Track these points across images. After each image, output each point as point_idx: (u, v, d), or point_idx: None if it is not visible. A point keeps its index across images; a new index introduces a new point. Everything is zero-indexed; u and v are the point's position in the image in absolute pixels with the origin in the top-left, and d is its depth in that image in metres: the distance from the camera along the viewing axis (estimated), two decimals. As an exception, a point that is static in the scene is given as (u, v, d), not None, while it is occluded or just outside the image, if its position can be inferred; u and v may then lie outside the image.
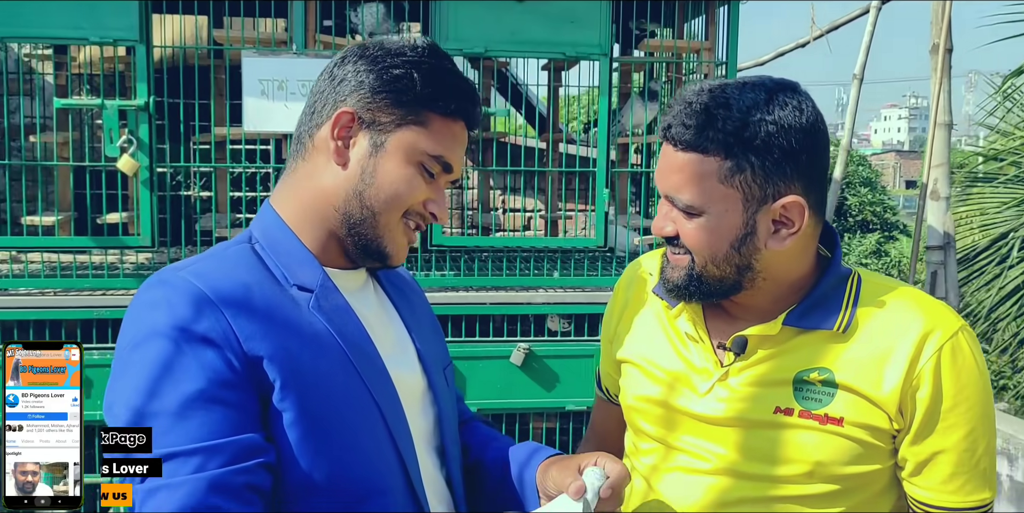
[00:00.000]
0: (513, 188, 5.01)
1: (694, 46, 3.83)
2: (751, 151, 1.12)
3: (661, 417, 1.29)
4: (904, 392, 1.16)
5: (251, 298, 1.04)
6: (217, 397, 0.98)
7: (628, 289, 1.41)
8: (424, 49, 1.14)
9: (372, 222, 1.12)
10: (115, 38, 3.31)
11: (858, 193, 16.26)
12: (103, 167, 3.51)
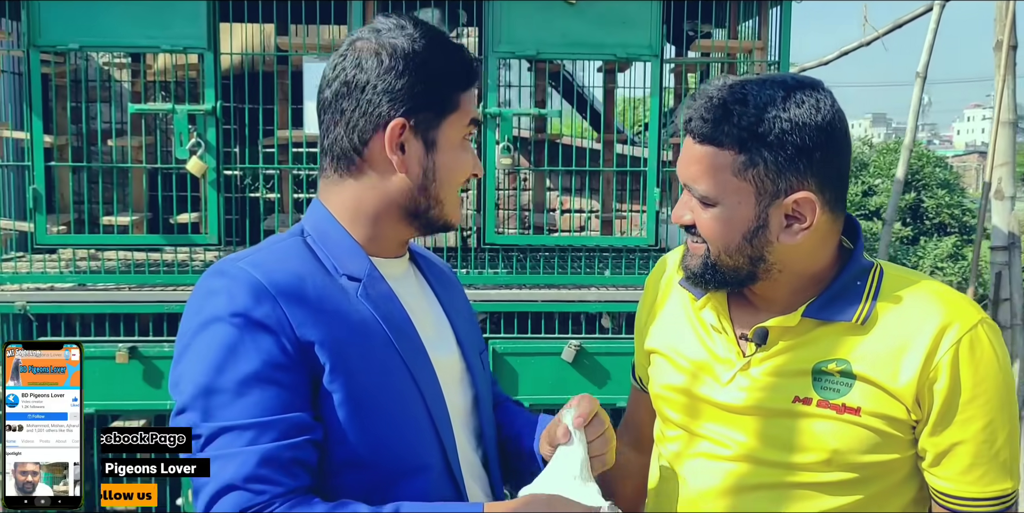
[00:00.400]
0: (570, 189, 5.07)
1: (746, 46, 3.84)
2: (764, 146, 1.16)
3: (685, 405, 1.33)
4: (921, 384, 1.18)
5: (304, 287, 1.11)
6: (271, 378, 1.06)
7: (658, 283, 1.45)
8: (422, 35, 1.19)
9: (440, 208, 1.22)
10: (185, 46, 3.48)
11: (935, 195, 15.80)
12: (174, 169, 3.69)
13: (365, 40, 1.19)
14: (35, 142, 3.49)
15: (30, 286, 3.58)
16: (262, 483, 1.03)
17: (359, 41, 1.19)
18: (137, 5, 3.45)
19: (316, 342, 1.09)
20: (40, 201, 3.48)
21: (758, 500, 1.25)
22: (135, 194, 3.91)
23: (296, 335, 1.09)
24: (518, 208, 4.26)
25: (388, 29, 1.19)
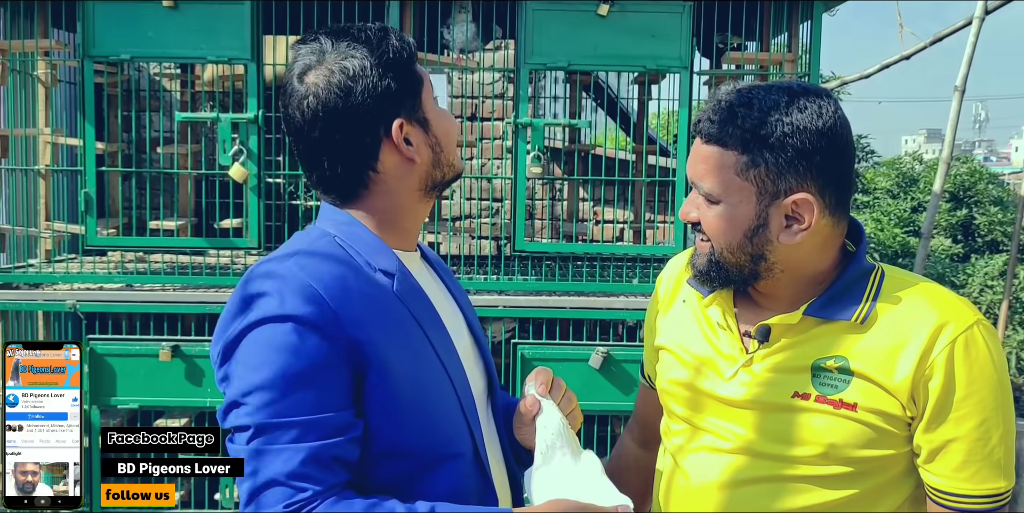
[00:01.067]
0: (604, 200, 5.12)
1: (776, 59, 3.87)
2: (766, 148, 1.21)
3: (689, 399, 1.38)
4: (916, 381, 1.22)
5: (348, 287, 1.15)
6: (319, 378, 1.10)
7: (667, 282, 1.51)
8: (373, 42, 1.22)
9: (451, 167, 1.30)
10: (230, 57, 3.63)
11: (987, 212, 15.48)
12: (217, 175, 3.84)
13: (313, 72, 1.21)
14: (88, 148, 3.66)
15: (80, 286, 3.75)
16: (304, 480, 1.07)
17: (307, 74, 1.22)
18: (185, 18, 3.61)
19: (362, 341, 1.13)
20: (91, 205, 3.64)
21: (757, 492, 1.29)
22: (182, 200, 4.07)
23: (344, 335, 1.12)
24: (548, 217, 4.33)
25: (339, 49, 1.22)
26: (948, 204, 15.01)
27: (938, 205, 5.05)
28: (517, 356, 3.58)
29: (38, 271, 3.83)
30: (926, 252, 4.77)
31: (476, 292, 3.71)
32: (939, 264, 12.18)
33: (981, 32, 4.67)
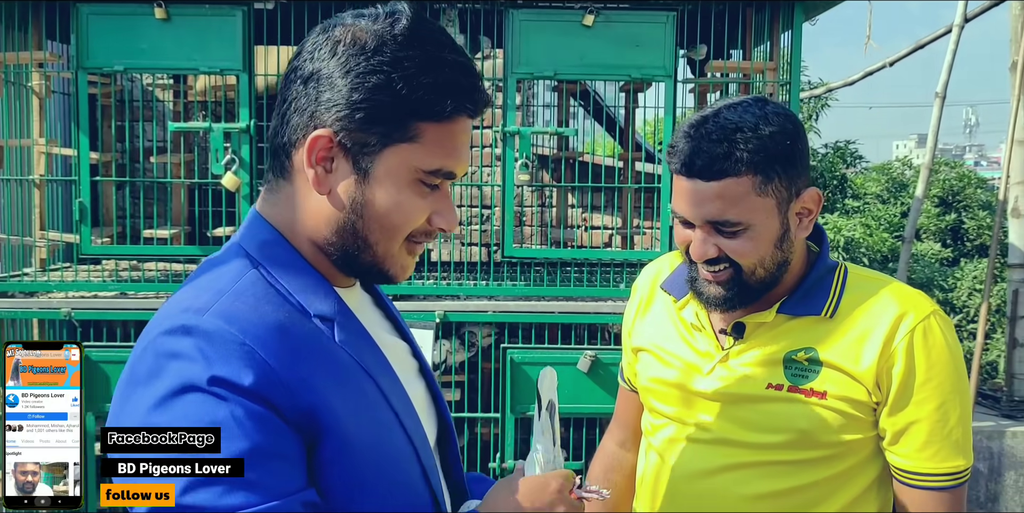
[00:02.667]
0: (593, 206, 5.19)
1: (758, 67, 3.94)
2: (774, 161, 1.27)
3: (671, 396, 1.45)
4: (880, 368, 1.31)
5: (287, 341, 0.93)
6: (274, 451, 0.90)
7: (642, 289, 1.58)
8: (405, 35, 0.96)
9: (370, 253, 1.01)
10: (222, 68, 3.69)
11: (976, 217, 15.58)
12: (210, 184, 3.90)
13: (342, 25, 0.98)
14: (82, 158, 3.72)
15: (75, 294, 3.80)
16: None
17: (335, 25, 0.99)
18: (178, 30, 3.67)
19: (312, 405, 0.92)
20: (85, 214, 3.69)
21: (736, 478, 1.37)
22: (175, 208, 4.13)
23: (292, 400, 0.91)
24: (537, 223, 4.40)
25: (372, 16, 0.98)
26: (937, 208, 15.13)
27: (920, 209, 5.12)
28: (506, 360, 3.63)
29: (33, 280, 3.88)
30: (908, 255, 4.85)
31: (467, 298, 3.77)
32: (928, 268, 12.29)
33: (973, 37, 4.76)
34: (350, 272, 1.04)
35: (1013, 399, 4.29)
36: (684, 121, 1.34)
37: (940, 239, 14.64)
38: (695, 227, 1.31)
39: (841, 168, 14.04)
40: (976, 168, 29.35)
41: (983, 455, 4.15)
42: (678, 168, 1.29)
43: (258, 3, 3.92)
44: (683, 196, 1.30)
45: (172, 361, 0.89)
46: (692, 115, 1.34)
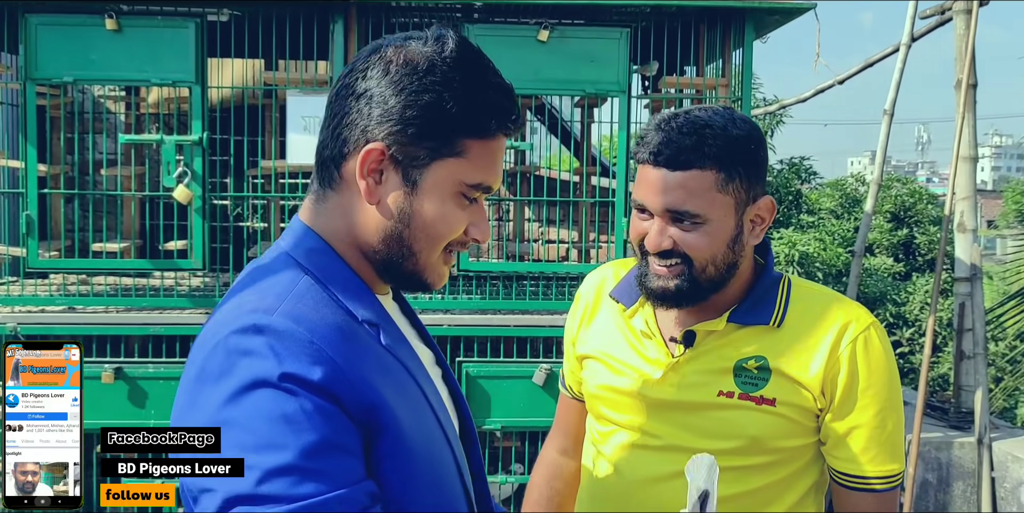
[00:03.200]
0: (550, 220, 5.22)
1: (710, 83, 4.01)
2: (738, 162, 1.32)
3: (620, 403, 1.46)
4: (826, 375, 1.36)
5: (347, 342, 0.98)
6: (340, 444, 0.93)
7: (587, 296, 1.58)
8: (452, 58, 1.03)
9: (413, 260, 1.06)
10: (174, 80, 3.66)
11: (927, 232, 15.91)
12: (161, 197, 3.85)
13: (392, 46, 1.04)
14: (30, 170, 3.65)
15: (21, 309, 3.72)
16: None
17: (386, 45, 1.05)
18: (129, 41, 3.64)
19: (375, 405, 0.97)
20: (33, 227, 3.63)
21: (685, 484, 1.38)
22: (126, 222, 4.07)
23: (357, 400, 0.95)
24: (495, 237, 4.40)
25: (420, 41, 1.04)
26: (890, 224, 15.44)
27: (870, 224, 5.22)
28: (462, 374, 3.63)
29: (-23, 294, 3.79)
30: (859, 269, 4.94)
31: (422, 311, 3.76)
32: (881, 282, 12.51)
33: (924, 56, 4.88)
34: (391, 279, 1.10)
35: (960, 410, 4.38)
36: (655, 117, 1.38)
37: (893, 254, 14.93)
38: (653, 218, 1.34)
39: (796, 184, 14.27)
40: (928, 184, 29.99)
41: (932, 466, 4.22)
42: (646, 157, 1.33)
43: (211, 15, 3.91)
44: (648, 185, 1.33)
45: (244, 358, 0.93)
46: (664, 111, 1.38)
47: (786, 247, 10.77)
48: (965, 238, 4.36)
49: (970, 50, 4.33)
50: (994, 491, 4.05)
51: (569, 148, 5.54)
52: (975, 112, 4.36)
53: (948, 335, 7.19)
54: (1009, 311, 6.21)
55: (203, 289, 4.01)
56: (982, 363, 4.33)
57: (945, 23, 5.08)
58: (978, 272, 4.33)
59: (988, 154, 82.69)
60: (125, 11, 3.79)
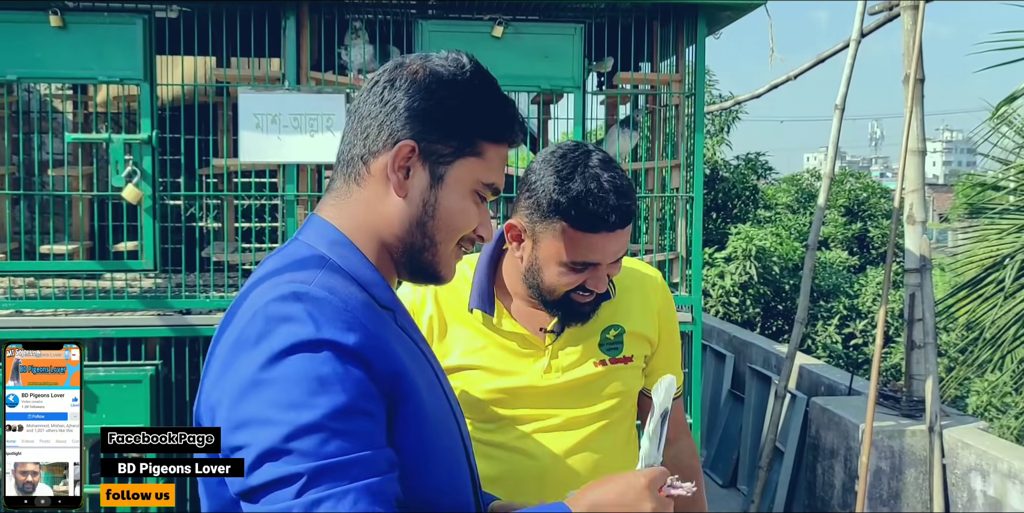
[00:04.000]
0: (508, 217, 5.22)
1: (663, 79, 4.03)
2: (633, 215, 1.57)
3: (511, 400, 1.61)
4: (658, 323, 1.70)
5: (373, 315, 1.05)
6: (367, 410, 0.98)
7: (421, 313, 1.64)
8: (471, 72, 1.15)
9: (433, 250, 1.15)
10: (122, 77, 3.59)
11: (880, 225, 16.19)
12: (109, 197, 3.78)
13: (413, 61, 1.16)
14: (-28, 171, 3.56)
15: (-34, 312, 3.63)
16: None
17: (408, 61, 1.16)
18: (75, 38, 3.56)
19: (399, 373, 1.03)
20: (-23, 229, 3.53)
21: (595, 444, 1.62)
22: (75, 223, 3.98)
23: (383, 364, 1.02)
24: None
25: (440, 58, 1.16)
26: (844, 218, 15.70)
27: (823, 218, 5.29)
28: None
29: (-80, 298, 3.69)
30: (813, 262, 5.00)
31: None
32: (836, 275, 12.72)
33: (877, 51, 4.95)
34: (408, 270, 1.18)
35: (912, 399, 4.46)
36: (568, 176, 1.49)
37: (847, 247, 15.20)
38: (591, 269, 1.52)
39: (753, 179, 14.45)
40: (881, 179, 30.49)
41: (884, 454, 4.29)
42: (608, 226, 1.48)
43: (160, 11, 3.84)
44: (605, 245, 1.51)
45: (283, 324, 0.98)
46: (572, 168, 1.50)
47: (743, 242, 10.90)
48: (915, 230, 4.44)
49: (917, 45, 4.40)
50: (945, 477, 4.14)
51: (527, 144, 5.55)
52: (923, 106, 4.44)
53: (900, 326, 7.32)
54: (959, 302, 6.33)
55: (155, 290, 3.95)
56: (932, 352, 4.41)
57: (893, 19, 5.17)
58: (928, 263, 4.41)
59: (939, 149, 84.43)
60: (70, 7, 3.72)
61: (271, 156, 3.68)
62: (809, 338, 11.52)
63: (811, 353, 10.80)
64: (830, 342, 11.54)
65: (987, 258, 6.48)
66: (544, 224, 1.51)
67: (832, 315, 11.67)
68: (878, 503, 4.30)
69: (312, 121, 3.71)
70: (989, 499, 3.89)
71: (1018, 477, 3.72)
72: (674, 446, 1.70)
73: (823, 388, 5.40)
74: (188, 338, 3.70)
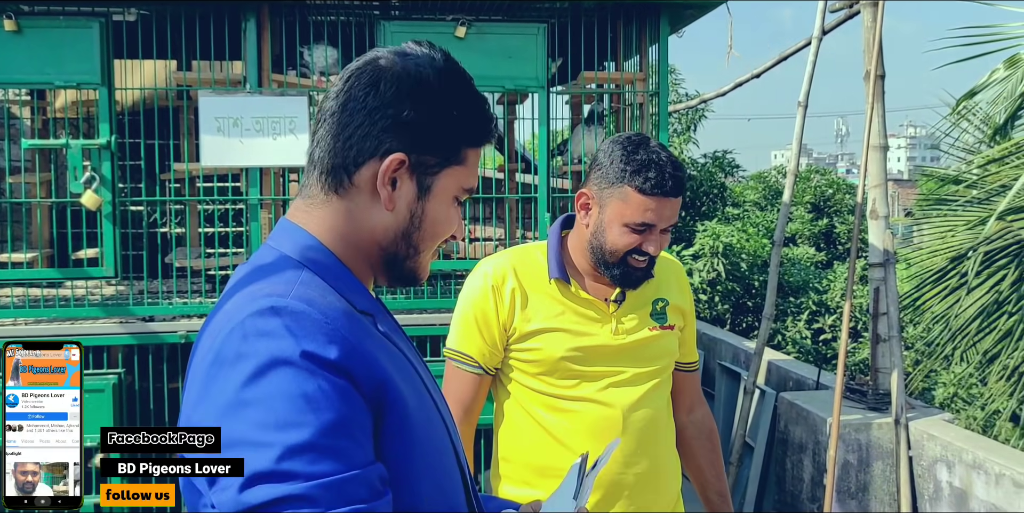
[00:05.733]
0: (475, 218, 5.20)
1: (627, 78, 4.04)
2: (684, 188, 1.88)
3: (587, 358, 1.89)
4: (687, 297, 2.03)
5: (353, 324, 1.02)
6: (356, 424, 0.96)
7: (509, 283, 1.91)
8: (450, 73, 1.12)
9: (416, 259, 1.14)
10: (79, 82, 3.53)
11: (846, 221, 16.37)
12: (68, 204, 3.71)
13: (389, 60, 1.10)
14: (-74, 179, 3.49)
15: (-78, 324, 3.55)
16: None
17: (382, 60, 1.10)
18: (30, 42, 3.50)
19: (382, 381, 1.01)
20: (-68, 238, 3.46)
21: (646, 397, 1.91)
22: (35, 231, 3.91)
23: (367, 376, 0.99)
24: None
25: (416, 56, 1.11)
26: (810, 214, 15.85)
27: (788, 214, 5.34)
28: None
29: None
30: (779, 258, 5.04)
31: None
32: (804, 271, 12.84)
33: (840, 48, 4.99)
34: (389, 276, 1.16)
35: (879, 392, 4.50)
36: (634, 151, 1.81)
37: (814, 243, 15.34)
38: (648, 232, 1.82)
39: (720, 177, 14.55)
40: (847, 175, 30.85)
41: (852, 447, 4.34)
42: (655, 187, 1.78)
43: (117, 14, 3.79)
44: (656, 209, 1.80)
45: (262, 339, 0.95)
46: (637, 145, 1.82)
47: (711, 239, 10.96)
48: (878, 224, 4.48)
49: (877, 42, 4.45)
50: (912, 469, 4.18)
51: (496, 146, 5.54)
52: (884, 102, 4.49)
53: (868, 320, 7.40)
54: (924, 295, 6.41)
55: (116, 297, 3.89)
56: (897, 345, 4.46)
57: (854, 16, 5.22)
58: (891, 257, 4.46)
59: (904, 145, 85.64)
60: (25, 11, 3.65)
61: (234, 160, 3.64)
62: (779, 334, 11.62)
63: (781, 349, 10.90)
64: (800, 338, 11.65)
65: (951, 251, 6.57)
66: (611, 189, 1.81)
67: (801, 311, 11.78)
68: (846, 496, 4.34)
69: (275, 124, 3.67)
70: (955, 490, 3.94)
71: (982, 467, 3.77)
72: (698, 411, 2.10)
73: (791, 383, 5.44)
74: (152, 345, 3.65)
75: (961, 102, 6.40)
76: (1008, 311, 5.42)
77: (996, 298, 5.47)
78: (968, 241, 6.24)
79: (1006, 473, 3.66)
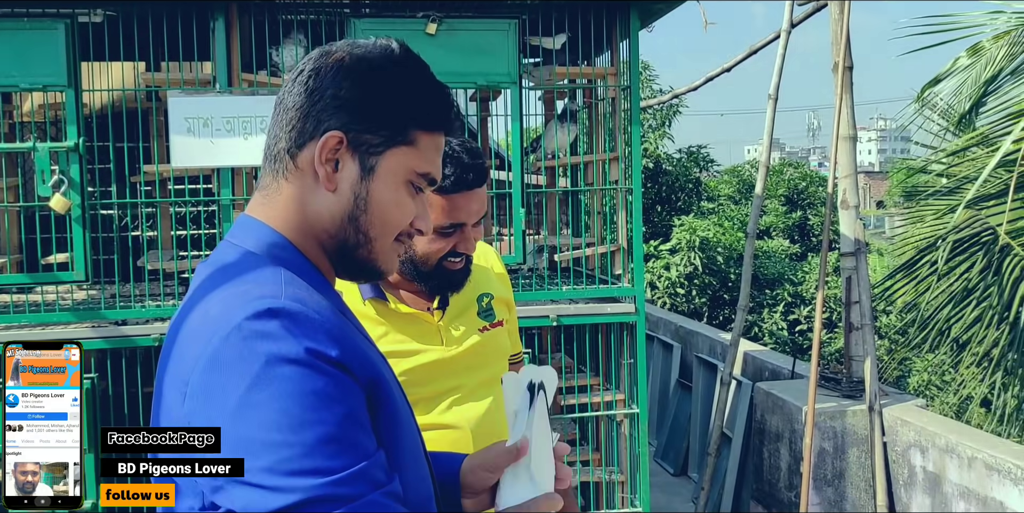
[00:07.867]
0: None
1: (599, 73, 4.05)
2: None
3: (422, 377, 1.71)
4: (508, 288, 1.87)
5: (341, 322, 1.03)
6: (362, 417, 0.98)
7: None
8: (401, 58, 1.11)
9: (368, 247, 1.10)
10: (44, 84, 3.49)
11: (819, 213, 16.53)
12: (36, 208, 3.67)
13: (339, 49, 1.10)
14: None
15: None
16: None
17: (335, 50, 1.10)
18: (-7, 44, 3.46)
19: (374, 377, 1.02)
20: (-102, 244, 3.41)
21: (492, 409, 1.75)
22: (4, 235, 3.87)
23: (364, 372, 1.00)
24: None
25: (368, 44, 1.11)
26: (784, 207, 15.99)
27: (761, 206, 5.38)
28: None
29: None
30: (752, 250, 5.08)
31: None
32: (779, 264, 12.94)
33: (810, 42, 5.03)
34: (345, 268, 1.13)
35: (852, 380, 4.56)
36: None
37: (788, 236, 15.48)
38: (459, 232, 1.65)
39: (695, 172, 14.64)
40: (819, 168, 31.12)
41: (827, 434, 4.39)
42: (467, 184, 1.61)
43: (83, 16, 3.75)
44: (464, 206, 1.63)
45: (263, 341, 0.94)
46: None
47: (687, 233, 11.03)
48: (848, 214, 4.54)
49: (845, 34, 4.50)
50: (886, 455, 4.24)
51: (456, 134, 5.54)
52: (852, 93, 4.54)
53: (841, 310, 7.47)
54: (896, 284, 6.49)
55: (87, 302, 3.85)
56: (870, 334, 4.52)
57: (822, 9, 5.28)
58: (862, 246, 4.51)
59: (874, 138, 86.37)
60: (-12, 13, 3.61)
61: (205, 161, 3.61)
62: (756, 326, 11.72)
63: (758, 340, 10.99)
64: (776, 329, 11.75)
65: (921, 240, 6.65)
66: None
67: (777, 302, 11.88)
68: (823, 483, 4.39)
69: (245, 124, 3.65)
70: (928, 474, 4.00)
71: (955, 451, 3.83)
72: None
73: (767, 373, 5.49)
74: (124, 349, 3.62)
75: (926, 89, 6.47)
76: (977, 298, 5.49)
77: (965, 285, 5.55)
78: (938, 230, 6.32)
79: (978, 456, 3.72)
